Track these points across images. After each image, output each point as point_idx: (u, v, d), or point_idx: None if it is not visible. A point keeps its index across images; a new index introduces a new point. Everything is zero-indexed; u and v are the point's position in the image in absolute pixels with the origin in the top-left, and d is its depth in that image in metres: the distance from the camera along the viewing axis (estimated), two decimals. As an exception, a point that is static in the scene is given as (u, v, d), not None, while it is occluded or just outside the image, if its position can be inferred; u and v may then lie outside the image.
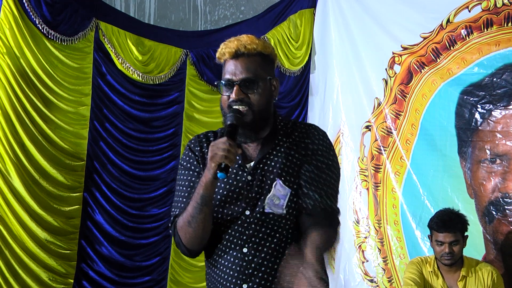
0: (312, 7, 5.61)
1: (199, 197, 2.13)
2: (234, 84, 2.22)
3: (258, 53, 2.27)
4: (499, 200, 4.47)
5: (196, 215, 2.15)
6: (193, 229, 2.17)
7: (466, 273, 4.10)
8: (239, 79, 2.22)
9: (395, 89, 5.01)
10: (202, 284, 5.30)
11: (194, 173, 2.28)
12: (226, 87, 2.24)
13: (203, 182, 2.12)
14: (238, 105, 2.20)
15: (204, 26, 5.75)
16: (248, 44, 2.27)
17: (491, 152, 4.53)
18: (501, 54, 4.52)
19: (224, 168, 2.07)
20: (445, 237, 4.06)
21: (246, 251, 2.19)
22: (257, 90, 2.22)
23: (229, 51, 2.25)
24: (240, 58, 2.25)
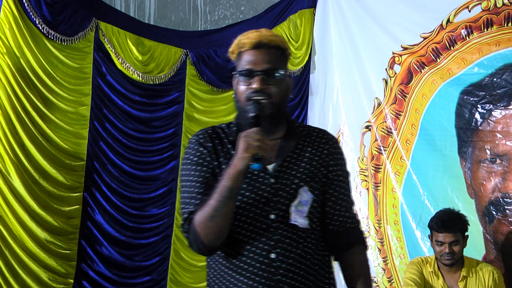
0: (312, 7, 5.61)
1: (226, 190, 2.05)
2: (255, 74, 2.18)
3: (277, 47, 2.23)
4: (499, 200, 4.47)
5: (220, 208, 2.06)
6: (216, 223, 2.08)
7: (466, 273, 4.10)
8: (261, 69, 2.18)
9: (395, 89, 5.01)
10: (202, 284, 5.30)
11: (208, 169, 2.20)
12: (245, 77, 2.20)
13: (232, 174, 2.04)
14: (258, 96, 2.15)
15: (204, 26, 5.75)
16: (269, 36, 2.23)
17: (491, 152, 4.52)
18: (501, 54, 4.51)
19: (259, 159, 2.02)
20: (445, 237, 4.06)
21: (274, 257, 2.12)
22: (278, 82, 2.19)
23: (250, 42, 2.21)
24: (261, 49, 2.20)
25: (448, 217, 4.13)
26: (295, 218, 2.15)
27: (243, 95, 2.20)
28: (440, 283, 4.15)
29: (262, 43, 2.20)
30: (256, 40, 2.21)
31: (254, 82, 2.18)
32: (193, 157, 2.24)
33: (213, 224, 2.09)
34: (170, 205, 5.20)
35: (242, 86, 2.21)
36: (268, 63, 2.19)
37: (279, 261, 2.12)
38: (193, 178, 2.21)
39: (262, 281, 2.12)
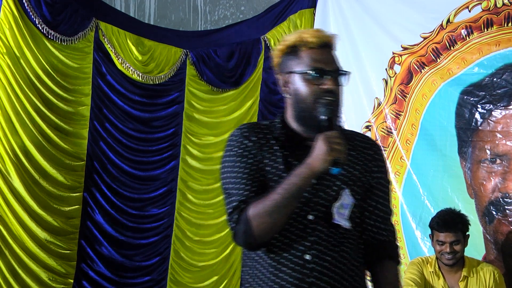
0: (312, 7, 5.61)
1: (296, 188, 2.01)
2: (328, 73, 2.13)
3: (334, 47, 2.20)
4: (499, 200, 4.47)
5: (284, 205, 2.02)
6: (274, 220, 2.04)
7: (467, 273, 4.10)
8: (332, 69, 2.14)
9: (395, 89, 5.01)
10: (202, 284, 5.31)
11: (254, 162, 2.15)
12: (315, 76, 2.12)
13: (306, 174, 2.01)
14: (330, 97, 2.10)
15: (204, 26, 5.75)
16: (329, 35, 2.19)
17: (491, 152, 4.52)
18: (501, 54, 4.51)
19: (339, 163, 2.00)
20: (446, 236, 4.06)
21: (309, 258, 2.09)
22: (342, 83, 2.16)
23: (318, 40, 2.15)
24: (326, 49, 2.16)
25: (450, 216, 4.14)
26: (338, 218, 2.12)
27: (311, 94, 2.12)
28: (441, 283, 4.15)
29: (327, 43, 2.17)
30: (323, 39, 2.16)
31: (326, 82, 2.12)
32: (238, 149, 2.20)
33: (271, 219, 2.05)
34: (170, 205, 5.20)
35: (310, 86, 2.13)
36: (337, 63, 2.16)
37: (313, 263, 2.09)
38: (239, 170, 2.16)
39: (296, 282, 2.09)
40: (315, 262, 2.10)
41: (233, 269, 5.47)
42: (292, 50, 2.18)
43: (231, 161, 2.19)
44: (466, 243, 4.13)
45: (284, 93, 2.22)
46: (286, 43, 2.20)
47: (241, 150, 2.19)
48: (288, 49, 2.20)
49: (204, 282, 5.33)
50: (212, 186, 5.34)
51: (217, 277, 5.39)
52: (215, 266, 5.38)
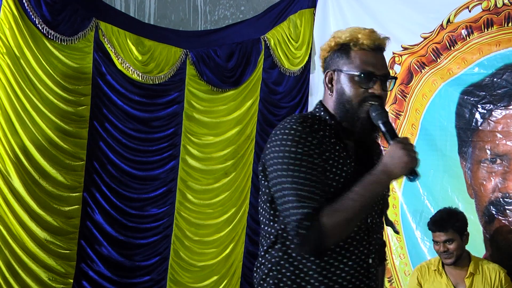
0: (312, 7, 5.61)
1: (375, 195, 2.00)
2: (377, 78, 2.10)
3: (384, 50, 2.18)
4: (499, 200, 4.47)
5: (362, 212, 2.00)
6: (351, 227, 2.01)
7: (473, 270, 4.12)
8: (382, 74, 2.11)
9: (395, 89, 5.01)
10: (202, 284, 5.31)
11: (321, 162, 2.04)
12: (365, 79, 2.09)
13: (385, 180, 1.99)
14: (375, 101, 2.08)
15: (204, 26, 5.75)
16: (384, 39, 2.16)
17: (491, 152, 4.53)
18: (502, 54, 4.52)
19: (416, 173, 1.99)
20: (439, 236, 4.11)
21: (371, 262, 2.10)
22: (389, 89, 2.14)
23: (372, 42, 2.11)
24: (379, 53, 2.14)
25: (440, 216, 4.18)
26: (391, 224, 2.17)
27: (357, 97, 2.09)
28: (444, 281, 4.17)
29: (380, 45, 2.14)
30: (378, 42, 2.13)
31: (374, 86, 2.09)
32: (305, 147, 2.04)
33: (349, 227, 2.01)
34: (169, 205, 5.20)
35: (357, 88, 2.09)
36: (386, 69, 2.14)
37: (373, 267, 2.11)
38: (312, 172, 2.02)
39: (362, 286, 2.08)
40: (374, 265, 2.12)
41: (233, 269, 5.47)
42: (343, 48, 2.14)
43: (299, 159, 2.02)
44: (464, 241, 4.14)
45: (327, 88, 2.17)
46: (338, 40, 2.16)
47: (315, 147, 2.04)
48: (338, 46, 2.16)
49: (204, 282, 5.33)
50: (212, 186, 5.34)
51: (217, 277, 5.39)
52: (214, 266, 5.38)
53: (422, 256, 4.69)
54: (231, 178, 5.45)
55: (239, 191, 5.51)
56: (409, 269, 4.80)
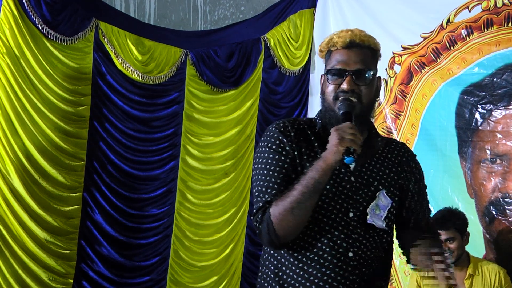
0: (312, 7, 5.61)
1: (314, 183, 2.01)
2: (347, 74, 2.15)
3: (369, 47, 2.23)
4: (499, 200, 4.47)
5: (303, 201, 2.02)
6: (295, 216, 2.04)
7: (473, 272, 4.11)
8: (352, 69, 2.16)
9: (395, 89, 5.01)
10: (202, 284, 5.31)
11: (287, 159, 2.15)
12: (335, 76, 2.17)
13: (322, 167, 2.01)
14: (345, 96, 2.13)
15: (204, 26, 5.75)
16: (363, 36, 2.22)
17: (491, 152, 4.53)
18: (502, 54, 4.52)
19: (352, 152, 1.98)
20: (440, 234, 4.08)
21: (352, 256, 2.12)
22: (368, 83, 2.17)
23: (343, 41, 2.19)
24: (353, 49, 2.19)
25: (441, 214, 4.17)
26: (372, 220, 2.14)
27: (331, 94, 2.17)
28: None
29: (354, 42, 2.19)
30: (349, 39, 2.19)
31: (344, 82, 2.15)
32: (272, 145, 2.19)
33: (293, 217, 2.05)
34: (169, 205, 5.20)
35: (331, 86, 2.18)
36: (359, 64, 2.17)
37: (355, 261, 2.12)
38: (270, 167, 2.16)
39: (338, 278, 2.11)
40: (357, 260, 2.12)
41: (233, 269, 5.48)
42: (327, 51, 2.24)
43: (264, 157, 2.19)
44: (465, 241, 4.13)
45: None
46: (321, 46, 2.26)
47: (275, 146, 2.18)
48: (323, 52, 2.26)
49: (204, 282, 5.33)
50: (212, 186, 5.34)
51: (217, 277, 5.39)
52: (214, 266, 5.38)
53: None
54: (231, 178, 5.45)
55: (239, 191, 5.51)
56: (409, 269, 4.80)
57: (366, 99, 2.17)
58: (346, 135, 1.99)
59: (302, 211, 2.04)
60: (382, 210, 2.17)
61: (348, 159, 1.99)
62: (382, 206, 2.17)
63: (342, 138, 1.99)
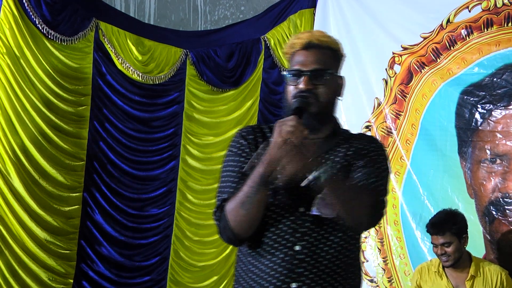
0: (312, 7, 5.61)
1: (259, 176, 2.05)
2: (304, 74, 2.19)
3: (329, 47, 2.25)
4: (499, 200, 4.47)
5: (252, 195, 2.07)
6: (246, 211, 2.09)
7: (474, 273, 4.10)
8: (309, 69, 2.19)
9: (395, 89, 5.01)
10: (202, 284, 5.31)
11: (246, 160, 2.20)
12: (293, 77, 2.20)
13: (266, 160, 2.05)
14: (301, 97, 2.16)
15: (204, 26, 5.75)
16: (321, 36, 2.25)
17: (491, 152, 4.52)
18: (501, 54, 4.51)
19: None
20: (436, 239, 4.09)
21: (299, 249, 2.13)
22: (325, 83, 2.19)
23: (301, 42, 2.23)
24: (312, 50, 2.22)
25: (437, 219, 4.16)
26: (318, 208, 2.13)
27: (290, 95, 2.20)
28: (444, 283, 4.15)
29: (312, 43, 2.22)
30: (306, 40, 2.23)
31: (301, 82, 2.18)
32: (233, 148, 2.28)
33: (244, 211, 2.09)
34: (169, 205, 5.20)
35: (290, 87, 2.21)
36: (317, 64, 2.20)
37: (303, 254, 2.13)
38: (230, 168, 2.24)
39: (285, 272, 2.12)
40: (305, 253, 2.13)
41: (233, 269, 5.47)
42: (291, 54, 2.27)
43: (226, 161, 2.27)
44: (463, 243, 4.12)
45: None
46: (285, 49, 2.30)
47: (236, 149, 2.27)
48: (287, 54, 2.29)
49: (204, 282, 5.33)
50: (212, 186, 5.34)
51: (217, 277, 5.39)
52: (214, 266, 5.38)
53: (422, 256, 4.69)
54: (231, 178, 5.44)
55: (239, 191, 5.50)
56: (409, 269, 4.80)
57: (324, 98, 2.19)
58: (287, 127, 2.03)
59: (253, 206, 2.09)
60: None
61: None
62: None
63: (281, 131, 2.03)
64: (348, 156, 2.23)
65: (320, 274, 2.12)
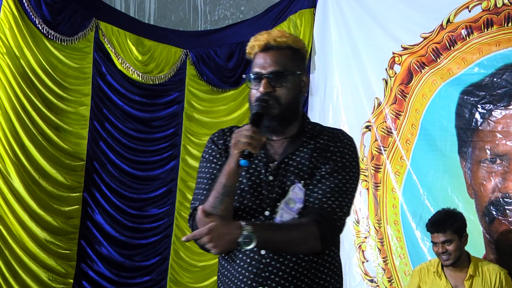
0: (312, 7, 5.60)
1: (221, 187, 2.06)
2: (263, 77, 2.16)
3: (288, 47, 2.21)
4: (499, 200, 4.47)
5: (217, 206, 2.07)
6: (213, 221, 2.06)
7: (473, 273, 4.10)
8: (267, 72, 2.16)
9: (395, 89, 5.01)
10: (202, 284, 5.31)
11: (216, 166, 2.20)
12: (254, 80, 2.19)
13: (226, 171, 2.05)
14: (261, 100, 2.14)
15: (204, 26, 5.75)
16: (278, 37, 2.20)
17: (491, 152, 4.52)
18: (501, 54, 4.51)
19: (247, 155, 2.00)
20: (437, 237, 4.09)
21: (264, 253, 2.12)
22: (286, 84, 2.16)
23: (259, 44, 2.20)
24: (270, 51, 2.19)
25: (438, 216, 4.17)
26: (281, 214, 2.13)
27: (253, 98, 2.19)
28: (443, 283, 4.15)
29: (269, 45, 2.20)
30: (264, 42, 2.20)
31: (261, 85, 2.16)
32: (205, 154, 2.27)
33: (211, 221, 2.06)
34: (169, 205, 5.20)
35: (252, 90, 2.19)
36: (275, 66, 2.17)
37: (269, 258, 2.12)
38: (202, 175, 2.24)
39: (251, 276, 2.12)
40: (270, 257, 2.12)
41: (233, 269, 5.47)
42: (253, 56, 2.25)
43: (200, 167, 2.28)
44: (463, 242, 4.12)
45: None
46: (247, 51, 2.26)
47: (207, 155, 2.27)
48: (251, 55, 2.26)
49: (204, 282, 5.33)
50: (212, 186, 5.34)
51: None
52: (215, 266, 5.37)
53: (422, 256, 4.69)
54: (231, 178, 5.45)
55: (239, 191, 5.51)
56: (409, 269, 4.80)
57: (285, 100, 2.16)
58: (242, 137, 2.01)
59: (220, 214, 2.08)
60: (297, 203, 2.13)
61: (243, 161, 2.00)
62: (298, 199, 2.13)
63: (237, 142, 2.02)
64: (314, 158, 2.18)
65: (286, 277, 2.11)
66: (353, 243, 5.12)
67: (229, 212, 2.10)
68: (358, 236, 5.10)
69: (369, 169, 5.10)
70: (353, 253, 5.11)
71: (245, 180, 2.17)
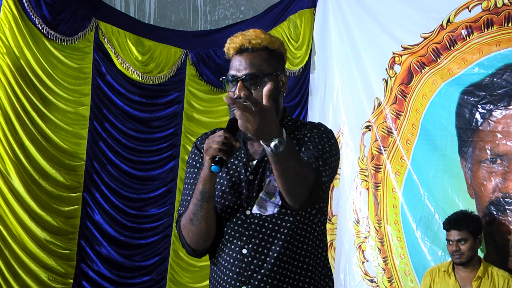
0: (312, 7, 5.61)
1: (199, 193, 2.07)
2: (238, 80, 2.14)
3: (264, 48, 2.18)
4: (500, 200, 4.47)
5: (197, 212, 2.08)
6: (195, 226, 2.10)
7: (482, 274, 4.13)
8: (242, 75, 2.14)
9: (395, 89, 5.01)
10: (202, 284, 5.31)
11: (199, 171, 2.17)
12: (231, 83, 2.16)
13: (202, 177, 2.05)
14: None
15: (204, 26, 5.75)
16: (253, 38, 2.18)
17: (491, 152, 4.53)
18: (502, 54, 4.52)
19: (218, 161, 1.96)
20: (452, 235, 4.15)
21: (246, 252, 2.12)
22: (262, 86, 2.11)
23: (234, 46, 2.18)
24: (245, 53, 2.17)
25: (456, 215, 4.24)
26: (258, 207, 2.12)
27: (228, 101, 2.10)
28: (452, 282, 4.19)
29: (244, 47, 2.17)
30: (238, 44, 2.18)
31: (237, 88, 2.13)
32: (189, 159, 2.29)
33: (193, 227, 2.11)
34: (169, 205, 5.20)
35: (229, 92, 2.17)
36: (251, 68, 2.15)
37: (250, 257, 2.12)
38: (186, 180, 2.26)
39: (235, 276, 2.13)
40: (252, 255, 2.12)
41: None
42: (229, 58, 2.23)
43: (186, 172, 2.29)
44: (478, 244, 4.17)
45: None
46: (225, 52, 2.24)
47: (191, 160, 2.28)
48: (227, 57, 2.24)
49: (204, 282, 5.33)
50: (211, 186, 5.34)
51: (217, 277, 5.39)
52: (214, 266, 5.37)
53: (422, 256, 4.69)
54: (231, 178, 5.45)
55: (239, 191, 5.50)
56: (409, 269, 4.81)
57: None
58: (214, 144, 1.98)
59: (200, 221, 2.10)
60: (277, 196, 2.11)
61: (214, 167, 1.98)
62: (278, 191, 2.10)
63: (208, 148, 1.99)
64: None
65: (268, 274, 2.11)
66: (353, 243, 5.13)
67: (210, 217, 2.11)
68: (358, 236, 5.11)
69: (369, 169, 5.10)
70: (353, 253, 5.12)
71: (226, 181, 2.17)
